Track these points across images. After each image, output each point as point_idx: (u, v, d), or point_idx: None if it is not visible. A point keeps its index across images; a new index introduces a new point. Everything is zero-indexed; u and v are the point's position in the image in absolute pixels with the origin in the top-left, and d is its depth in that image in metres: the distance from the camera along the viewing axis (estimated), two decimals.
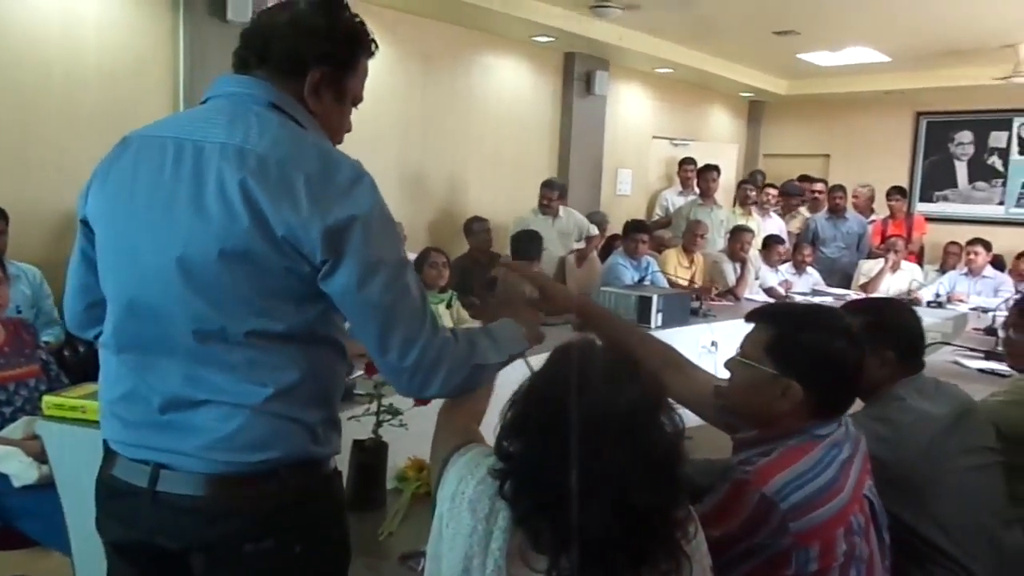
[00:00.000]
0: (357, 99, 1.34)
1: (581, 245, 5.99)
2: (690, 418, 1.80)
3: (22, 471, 2.22)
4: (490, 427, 1.19)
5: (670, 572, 1.02)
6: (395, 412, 1.72)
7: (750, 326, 1.47)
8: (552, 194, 5.79)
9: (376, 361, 1.21)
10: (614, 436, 1.00)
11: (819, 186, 7.39)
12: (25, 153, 3.79)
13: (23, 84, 3.81)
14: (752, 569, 1.28)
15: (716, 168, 6.52)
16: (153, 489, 1.18)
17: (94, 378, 1.34)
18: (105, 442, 1.28)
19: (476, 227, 5.44)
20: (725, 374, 1.51)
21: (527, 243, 4.94)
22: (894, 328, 1.83)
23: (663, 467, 1.02)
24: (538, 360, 1.18)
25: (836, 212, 6.74)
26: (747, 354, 1.42)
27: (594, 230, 6.09)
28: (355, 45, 1.30)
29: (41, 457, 2.19)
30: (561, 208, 5.90)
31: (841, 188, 6.84)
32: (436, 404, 1.34)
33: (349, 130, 1.36)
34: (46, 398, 2.11)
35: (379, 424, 1.73)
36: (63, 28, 3.89)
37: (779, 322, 1.43)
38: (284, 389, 1.17)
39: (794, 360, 1.36)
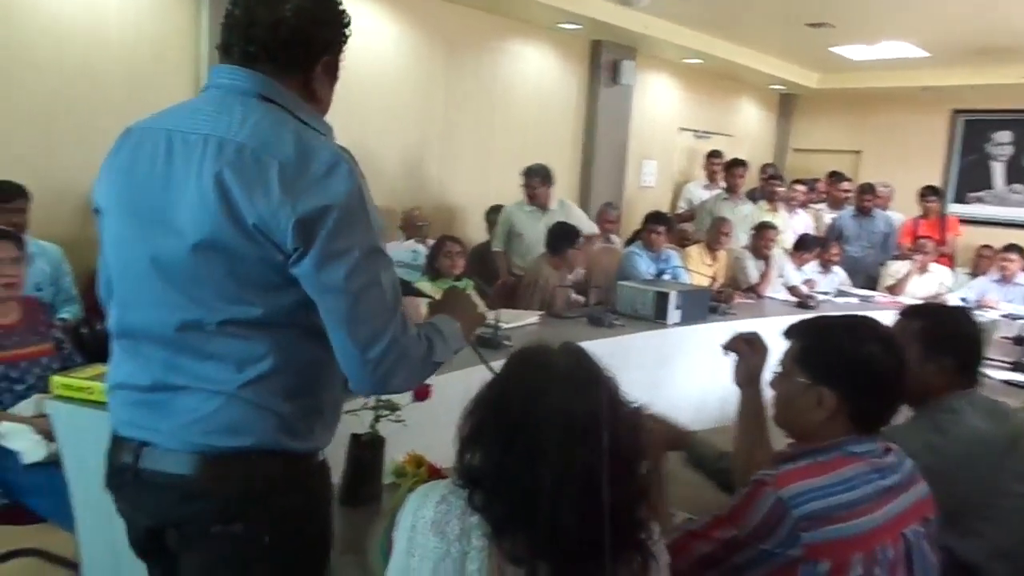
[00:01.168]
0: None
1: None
2: (710, 418, 1.78)
3: (31, 448, 2.25)
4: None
5: (640, 571, 1.05)
6: (393, 407, 1.71)
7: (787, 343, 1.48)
8: (534, 181, 5.07)
9: (338, 351, 1.20)
10: (581, 437, 1.01)
11: (846, 185, 7.22)
12: (49, 134, 3.82)
13: (46, 67, 3.83)
14: (775, 570, 1.26)
15: (744, 163, 6.40)
16: (136, 466, 1.24)
17: (108, 356, 1.39)
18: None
19: (493, 218, 5.45)
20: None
21: (559, 238, 4.52)
22: (956, 336, 1.79)
23: (627, 463, 1.04)
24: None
25: (864, 212, 6.61)
26: (783, 367, 1.46)
27: (594, 229, 5.41)
28: (348, 26, 1.33)
29: (50, 435, 2.21)
30: (555, 200, 5.20)
31: (871, 189, 6.71)
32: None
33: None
34: (54, 378, 2.12)
35: (377, 419, 1.72)
36: (86, 11, 3.91)
37: (808, 333, 1.45)
38: (257, 377, 1.19)
39: (824, 367, 1.38)
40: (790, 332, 1.49)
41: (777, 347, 1.56)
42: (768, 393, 1.55)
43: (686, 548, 1.33)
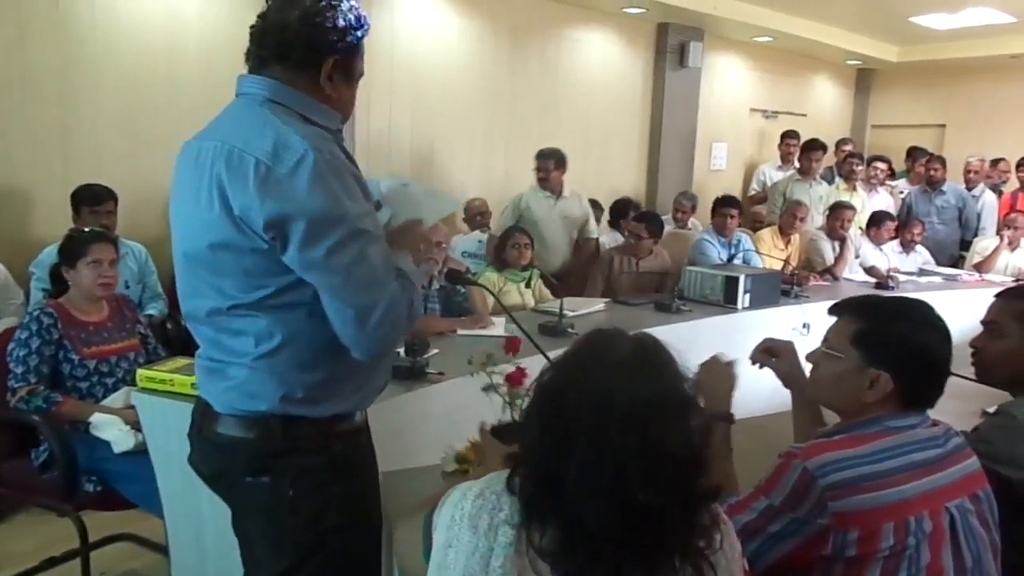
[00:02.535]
0: (360, 74, 1.47)
1: (591, 234, 5.10)
2: (783, 403, 1.76)
3: (121, 438, 2.38)
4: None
5: None
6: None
7: (832, 319, 1.48)
8: (547, 164, 4.80)
9: (335, 323, 1.33)
10: (617, 427, 0.96)
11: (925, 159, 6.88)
12: (135, 137, 4.02)
13: (130, 74, 4.03)
14: (794, 546, 1.29)
15: (823, 147, 6.15)
16: (199, 422, 1.48)
17: (192, 350, 1.55)
18: None
19: None
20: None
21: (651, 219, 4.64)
22: None
23: (673, 465, 0.97)
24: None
25: (932, 185, 6.29)
26: (833, 346, 1.43)
27: (594, 232, 5.13)
28: (359, 29, 1.41)
29: (138, 426, 2.33)
30: (567, 188, 4.97)
31: (939, 159, 6.38)
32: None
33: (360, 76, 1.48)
34: (140, 371, 2.24)
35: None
36: (166, 19, 4.09)
37: (866, 314, 1.43)
38: (270, 351, 1.36)
39: (883, 351, 1.36)
40: (840, 310, 1.47)
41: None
42: (806, 365, 1.54)
43: (729, 519, 1.34)
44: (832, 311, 1.49)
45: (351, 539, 1.47)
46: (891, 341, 1.37)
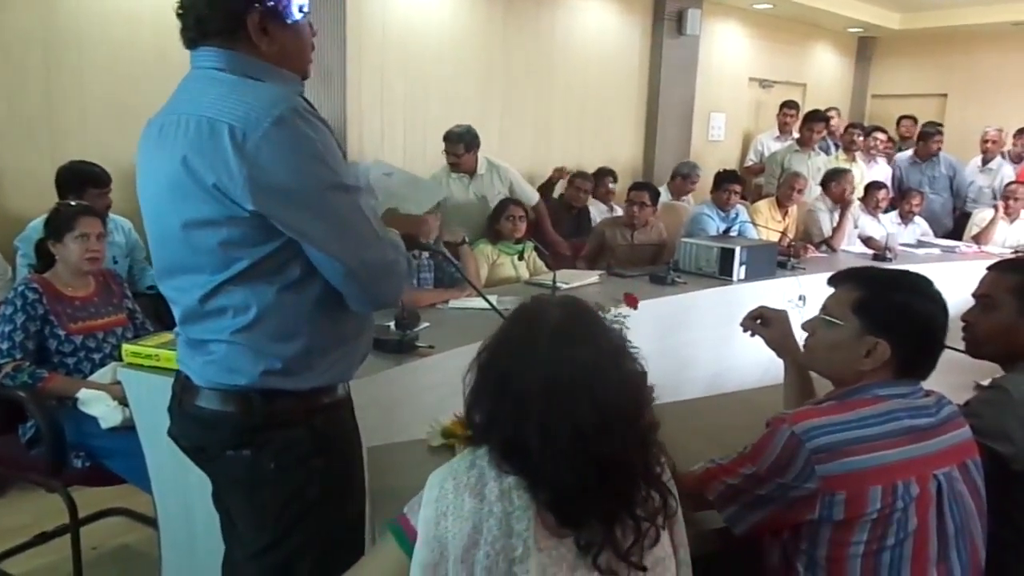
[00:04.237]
0: (302, 11, 1.40)
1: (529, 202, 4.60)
2: (778, 376, 1.75)
3: (108, 414, 2.36)
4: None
5: (659, 510, 1.08)
6: None
7: (831, 289, 1.49)
8: (457, 148, 4.40)
9: (331, 279, 1.34)
10: (566, 395, 1.01)
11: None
12: (122, 111, 3.92)
13: (117, 44, 3.96)
14: (780, 511, 1.31)
15: (824, 117, 6.07)
16: (180, 395, 1.47)
17: None
18: None
19: (577, 182, 5.29)
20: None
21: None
22: None
23: (622, 414, 1.04)
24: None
25: (924, 156, 6.22)
26: (832, 313, 1.44)
27: (534, 198, 4.75)
28: None
29: (125, 401, 2.31)
30: (483, 161, 4.55)
31: (937, 129, 6.30)
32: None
33: (315, 33, 1.45)
34: (125, 346, 2.22)
35: None
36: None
37: (867, 282, 1.44)
38: (246, 325, 1.34)
39: (884, 320, 1.37)
40: (841, 279, 1.48)
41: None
42: (800, 335, 1.56)
43: (712, 479, 1.39)
44: (831, 281, 1.50)
45: (333, 514, 1.47)
46: (891, 309, 1.38)
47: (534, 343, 1.05)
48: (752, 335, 1.78)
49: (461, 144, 4.40)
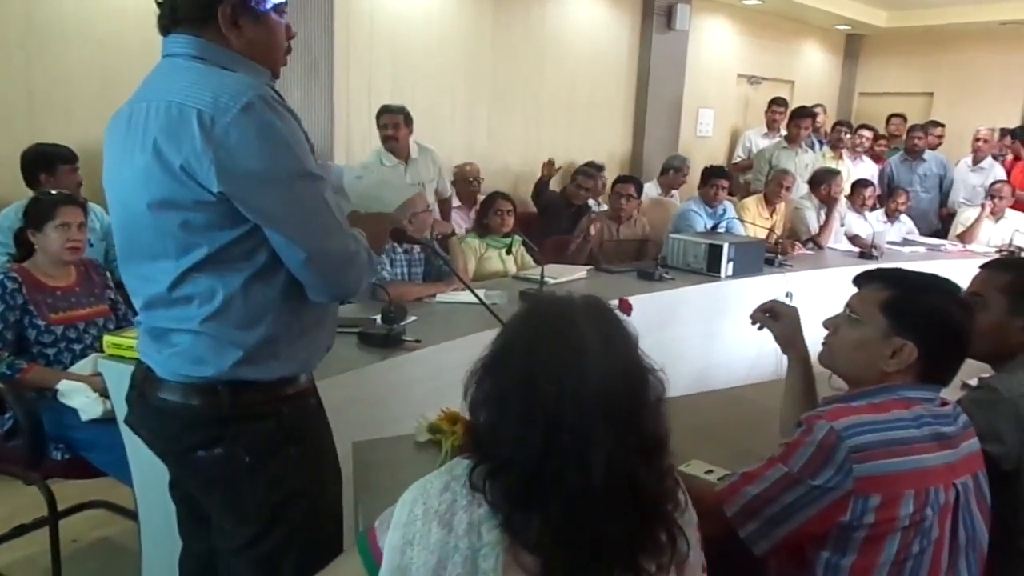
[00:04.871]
0: (280, 8, 1.40)
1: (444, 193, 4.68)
2: (766, 372, 1.74)
3: (88, 406, 2.32)
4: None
5: (667, 549, 0.96)
6: None
7: (855, 288, 1.47)
8: (396, 119, 4.23)
9: (292, 267, 1.34)
10: (599, 414, 0.90)
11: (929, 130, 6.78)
12: (104, 97, 3.86)
13: (101, 28, 3.90)
14: (808, 522, 1.24)
15: (811, 114, 6.09)
16: (142, 386, 1.45)
17: None
18: None
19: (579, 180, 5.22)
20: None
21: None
22: None
23: (659, 446, 0.94)
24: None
25: (913, 154, 6.26)
26: (858, 311, 1.42)
27: (448, 190, 4.69)
28: None
29: (106, 393, 2.28)
30: (414, 145, 4.40)
31: (921, 128, 6.34)
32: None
33: (292, 36, 1.45)
34: (106, 337, 2.18)
35: None
36: None
37: (897, 283, 1.41)
38: (212, 313, 1.33)
39: (914, 321, 1.35)
40: (869, 277, 1.46)
41: (830, 295, 1.53)
42: (822, 331, 1.51)
43: (736, 492, 1.31)
44: (857, 280, 1.48)
45: (313, 504, 1.47)
46: (921, 311, 1.36)
47: (580, 360, 0.93)
48: (760, 328, 1.75)
49: (401, 115, 4.28)
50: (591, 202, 5.37)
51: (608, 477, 0.90)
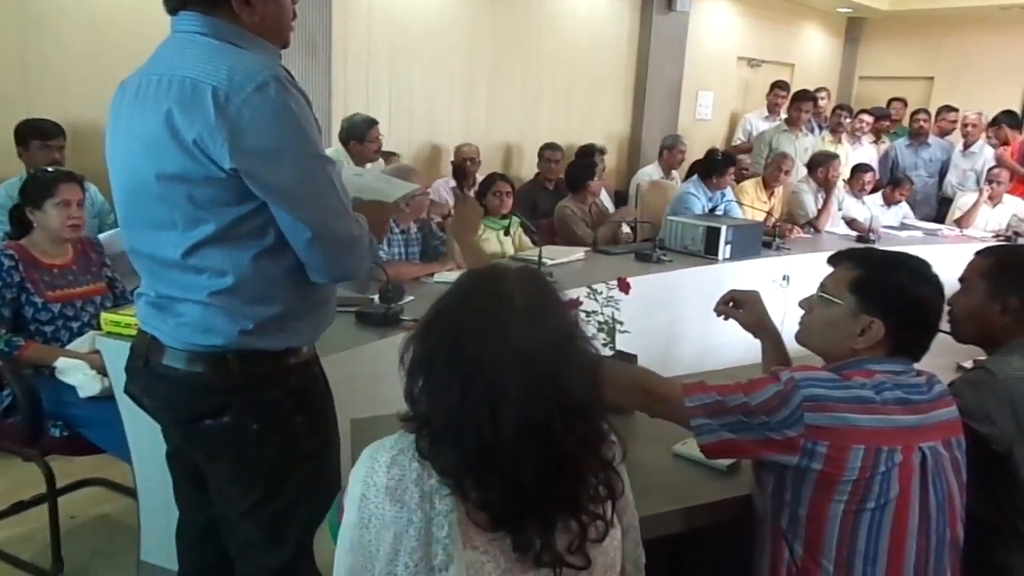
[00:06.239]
0: None
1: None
2: (731, 357, 1.76)
3: (86, 383, 2.33)
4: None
5: (606, 498, 1.01)
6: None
7: (829, 268, 1.51)
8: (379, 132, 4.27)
9: (297, 248, 1.34)
10: (541, 383, 0.93)
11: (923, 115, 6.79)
12: (100, 73, 3.83)
13: (96, 4, 3.87)
14: (752, 443, 1.32)
15: (812, 97, 6.08)
16: (147, 355, 1.44)
17: None
18: None
19: (547, 154, 5.35)
20: (797, 310, 1.55)
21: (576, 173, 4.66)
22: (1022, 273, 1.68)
23: (587, 408, 0.98)
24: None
25: (917, 138, 6.26)
26: (829, 291, 1.46)
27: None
28: None
29: (104, 370, 2.29)
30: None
31: (924, 111, 6.34)
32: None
33: (295, 17, 1.44)
34: (104, 315, 2.19)
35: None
36: None
37: (866, 262, 1.45)
38: (223, 289, 1.34)
39: (880, 299, 1.39)
40: (840, 258, 1.50)
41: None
42: (796, 312, 1.55)
43: (702, 390, 1.38)
44: (831, 260, 1.51)
45: (318, 466, 1.49)
46: (888, 289, 1.40)
47: (503, 320, 0.96)
48: (726, 319, 1.80)
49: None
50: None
51: (521, 431, 0.93)
